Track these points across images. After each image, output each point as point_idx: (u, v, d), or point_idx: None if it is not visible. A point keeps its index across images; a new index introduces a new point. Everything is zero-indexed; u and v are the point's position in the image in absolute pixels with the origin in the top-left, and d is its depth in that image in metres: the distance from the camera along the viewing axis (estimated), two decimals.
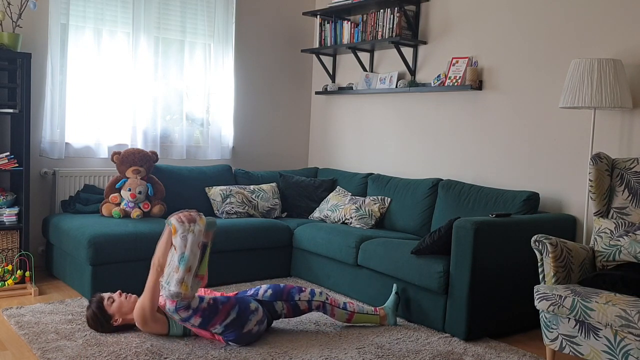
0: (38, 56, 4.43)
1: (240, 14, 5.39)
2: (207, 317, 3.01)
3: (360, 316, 3.46)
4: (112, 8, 4.69)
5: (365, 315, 3.48)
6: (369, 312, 3.50)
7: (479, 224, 3.27)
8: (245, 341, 3.09)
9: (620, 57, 3.56)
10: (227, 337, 3.07)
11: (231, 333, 3.05)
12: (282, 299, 3.28)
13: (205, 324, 3.02)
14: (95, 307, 3.19)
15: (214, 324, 3.03)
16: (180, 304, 2.94)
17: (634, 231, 3.14)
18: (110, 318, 3.18)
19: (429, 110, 4.73)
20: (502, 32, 4.22)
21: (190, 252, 2.90)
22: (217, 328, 3.04)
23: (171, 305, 2.95)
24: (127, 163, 4.37)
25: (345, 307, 3.43)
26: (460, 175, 4.49)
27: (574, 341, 2.81)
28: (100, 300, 3.21)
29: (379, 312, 3.52)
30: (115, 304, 3.20)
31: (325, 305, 3.36)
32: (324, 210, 4.77)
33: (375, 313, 3.51)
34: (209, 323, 3.02)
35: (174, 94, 5.11)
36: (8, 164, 4.01)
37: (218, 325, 3.03)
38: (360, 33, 5.02)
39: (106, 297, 3.23)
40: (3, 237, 4.06)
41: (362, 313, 3.47)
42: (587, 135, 3.73)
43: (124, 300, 3.22)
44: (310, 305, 3.32)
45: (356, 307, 3.48)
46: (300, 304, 3.30)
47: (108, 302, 3.20)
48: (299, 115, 5.87)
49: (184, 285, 2.88)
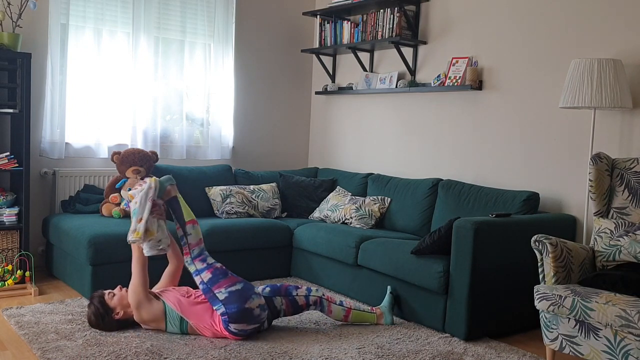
0: (38, 56, 4.43)
1: (240, 14, 5.39)
2: (216, 276, 3.18)
3: (357, 313, 3.48)
4: (112, 8, 4.69)
5: (362, 313, 3.50)
6: (366, 310, 3.52)
7: (479, 224, 3.27)
8: (245, 319, 3.12)
9: (620, 57, 3.56)
10: (228, 309, 3.10)
11: (234, 305, 3.10)
12: (281, 295, 3.32)
13: (213, 282, 3.17)
14: (97, 301, 3.24)
15: (220, 285, 3.15)
16: (195, 253, 3.24)
17: (634, 231, 3.14)
18: (112, 311, 3.23)
19: (429, 110, 4.73)
20: (502, 32, 4.22)
21: (139, 205, 3.19)
22: (222, 292, 3.13)
23: (187, 256, 3.26)
24: (127, 163, 4.37)
25: (342, 303, 3.46)
26: (460, 175, 4.50)
27: (574, 341, 2.81)
28: (102, 295, 3.27)
29: (375, 311, 3.54)
30: (116, 297, 3.26)
31: (322, 301, 3.39)
32: (324, 210, 4.77)
33: (372, 312, 3.53)
34: (216, 282, 3.16)
35: (174, 94, 5.11)
36: (8, 164, 4.01)
37: (223, 289, 3.14)
38: (360, 33, 5.02)
39: (107, 292, 3.29)
40: (3, 237, 4.06)
41: (359, 310, 3.49)
42: (587, 135, 3.73)
43: (125, 294, 3.27)
44: (307, 300, 3.35)
45: (353, 305, 3.52)
46: (298, 299, 3.33)
47: (109, 297, 3.26)
48: (299, 115, 5.87)
49: (136, 232, 3.15)
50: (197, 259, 3.25)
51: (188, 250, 3.27)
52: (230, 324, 3.12)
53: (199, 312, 3.19)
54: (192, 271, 3.25)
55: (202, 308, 3.20)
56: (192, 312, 3.19)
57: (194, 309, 3.19)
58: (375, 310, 3.55)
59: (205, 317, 3.18)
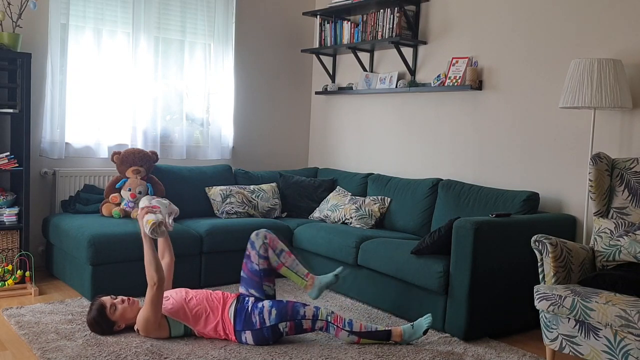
0: (38, 56, 4.43)
1: (240, 14, 5.39)
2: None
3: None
4: (112, 8, 4.69)
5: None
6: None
7: (479, 224, 3.27)
8: (271, 336, 3.12)
9: (620, 57, 3.56)
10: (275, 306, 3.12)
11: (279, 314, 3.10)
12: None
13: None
14: (96, 314, 3.15)
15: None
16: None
17: (634, 231, 3.14)
18: (113, 324, 3.16)
19: (429, 110, 4.73)
20: (502, 32, 4.22)
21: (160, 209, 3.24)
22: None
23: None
24: (127, 163, 4.37)
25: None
26: (460, 175, 4.50)
27: (574, 341, 2.81)
28: (102, 308, 3.15)
29: (308, 279, 3.33)
30: (119, 311, 3.16)
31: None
32: (324, 210, 4.77)
33: (305, 278, 3.33)
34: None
35: (174, 94, 5.11)
36: (8, 164, 4.01)
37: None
38: (360, 33, 5.02)
39: (108, 305, 3.15)
40: (3, 237, 4.06)
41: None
42: (587, 135, 3.73)
43: (128, 307, 3.18)
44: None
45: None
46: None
47: (111, 311, 3.15)
48: (299, 115, 5.87)
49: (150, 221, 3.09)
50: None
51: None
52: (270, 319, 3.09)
53: (202, 320, 3.16)
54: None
55: (205, 317, 3.16)
56: (196, 322, 3.16)
57: (198, 320, 3.16)
58: (308, 278, 3.32)
59: (209, 322, 3.15)
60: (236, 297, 3.22)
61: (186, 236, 4.09)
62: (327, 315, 3.14)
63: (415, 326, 3.21)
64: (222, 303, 3.18)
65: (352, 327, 3.14)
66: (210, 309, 3.17)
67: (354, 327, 3.14)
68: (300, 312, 3.12)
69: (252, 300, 3.19)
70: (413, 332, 3.20)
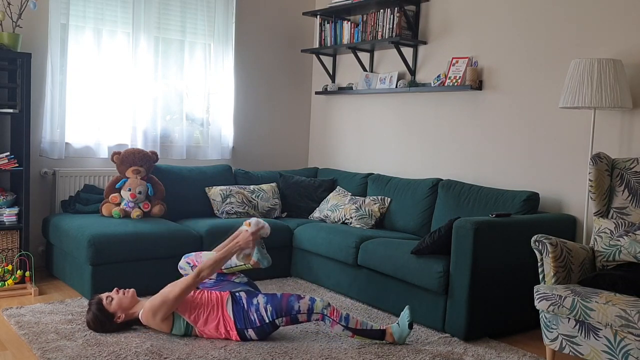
0: (38, 56, 4.43)
1: (240, 14, 5.39)
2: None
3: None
4: (112, 8, 4.69)
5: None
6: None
7: (479, 224, 3.27)
8: (270, 329, 3.17)
9: (620, 57, 3.56)
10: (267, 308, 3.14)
11: (274, 309, 3.14)
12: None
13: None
14: (95, 308, 3.18)
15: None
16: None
17: (634, 231, 3.14)
18: (113, 316, 3.19)
19: (429, 110, 4.73)
20: (502, 32, 4.22)
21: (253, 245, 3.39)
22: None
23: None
24: (127, 163, 4.37)
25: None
26: (460, 175, 4.49)
27: (574, 341, 2.81)
28: (99, 302, 3.20)
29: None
30: (115, 301, 3.20)
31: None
32: (324, 210, 4.77)
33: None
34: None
35: (174, 94, 5.11)
36: (8, 164, 4.01)
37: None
38: (360, 33, 5.02)
39: (104, 297, 3.21)
40: (3, 237, 4.06)
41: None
42: (587, 135, 3.73)
43: (123, 296, 3.22)
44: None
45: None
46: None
47: (107, 302, 3.19)
48: (299, 115, 5.87)
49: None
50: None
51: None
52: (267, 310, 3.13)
53: (203, 318, 3.16)
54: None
55: (206, 315, 3.17)
56: (198, 318, 3.16)
57: (200, 317, 3.16)
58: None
59: (210, 321, 3.16)
60: (228, 294, 3.23)
61: (186, 236, 4.09)
62: (322, 309, 3.12)
63: (400, 324, 3.21)
64: (219, 302, 3.20)
65: (348, 323, 3.14)
66: (210, 308, 3.19)
67: (350, 323, 3.14)
68: (295, 308, 3.12)
69: (244, 295, 3.21)
70: (401, 330, 3.20)
